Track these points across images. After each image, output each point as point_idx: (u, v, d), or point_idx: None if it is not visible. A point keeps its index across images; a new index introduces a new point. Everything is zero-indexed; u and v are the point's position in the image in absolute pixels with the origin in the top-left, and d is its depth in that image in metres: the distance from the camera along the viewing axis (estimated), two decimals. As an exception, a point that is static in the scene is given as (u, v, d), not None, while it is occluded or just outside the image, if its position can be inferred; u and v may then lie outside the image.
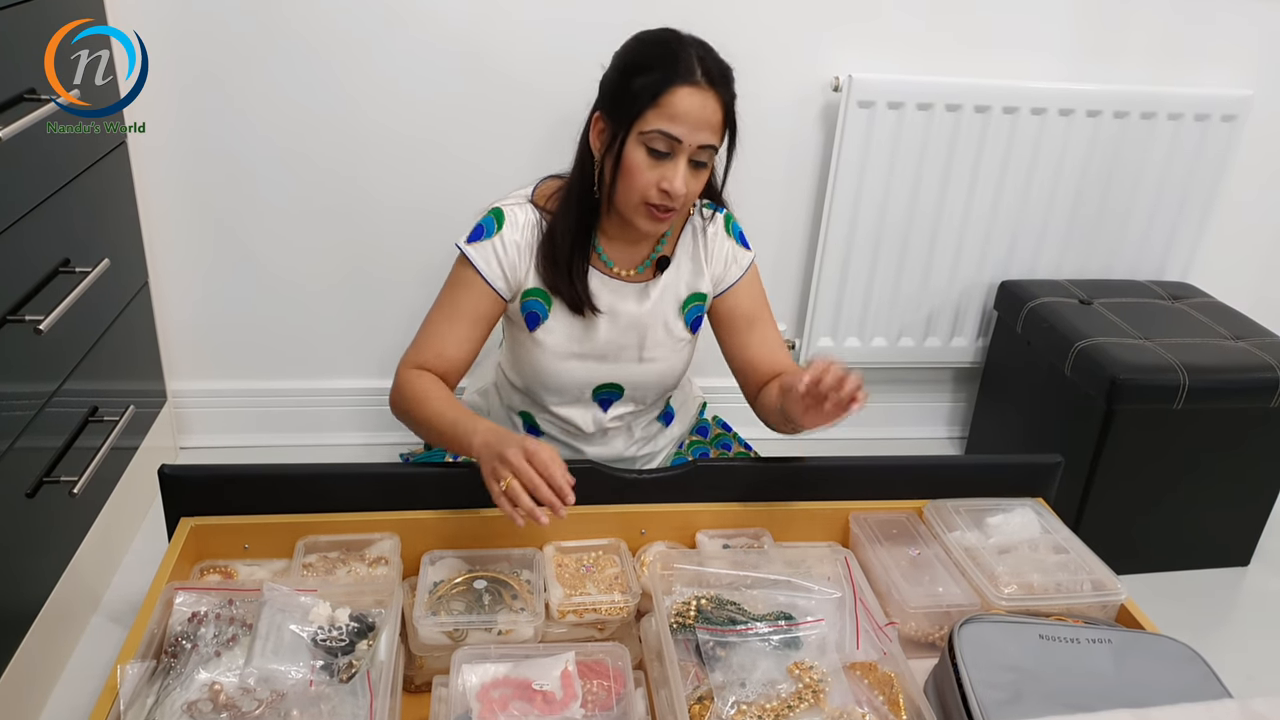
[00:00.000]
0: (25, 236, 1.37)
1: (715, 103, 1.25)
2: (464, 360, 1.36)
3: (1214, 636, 1.80)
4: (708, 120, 1.25)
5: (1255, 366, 1.82)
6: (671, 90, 1.23)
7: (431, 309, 1.38)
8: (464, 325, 1.36)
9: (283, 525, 1.26)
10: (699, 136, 1.25)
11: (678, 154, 1.25)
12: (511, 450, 1.12)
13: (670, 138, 1.24)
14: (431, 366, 1.34)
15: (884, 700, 1.07)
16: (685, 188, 1.26)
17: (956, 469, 1.53)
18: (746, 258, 1.46)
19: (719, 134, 1.28)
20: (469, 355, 1.37)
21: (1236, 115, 2.10)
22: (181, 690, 1.00)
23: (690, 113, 1.24)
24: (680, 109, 1.24)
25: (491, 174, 1.93)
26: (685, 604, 1.18)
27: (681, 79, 1.24)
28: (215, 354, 2.07)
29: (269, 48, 1.80)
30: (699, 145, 1.26)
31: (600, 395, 1.49)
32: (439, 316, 1.37)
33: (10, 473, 1.36)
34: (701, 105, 1.24)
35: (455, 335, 1.36)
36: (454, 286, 1.37)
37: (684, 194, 1.26)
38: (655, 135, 1.24)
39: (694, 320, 1.47)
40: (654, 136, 1.25)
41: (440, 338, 1.35)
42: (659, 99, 1.24)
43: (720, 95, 1.26)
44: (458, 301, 1.36)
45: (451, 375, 1.36)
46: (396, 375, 1.35)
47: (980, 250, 2.17)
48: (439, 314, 1.37)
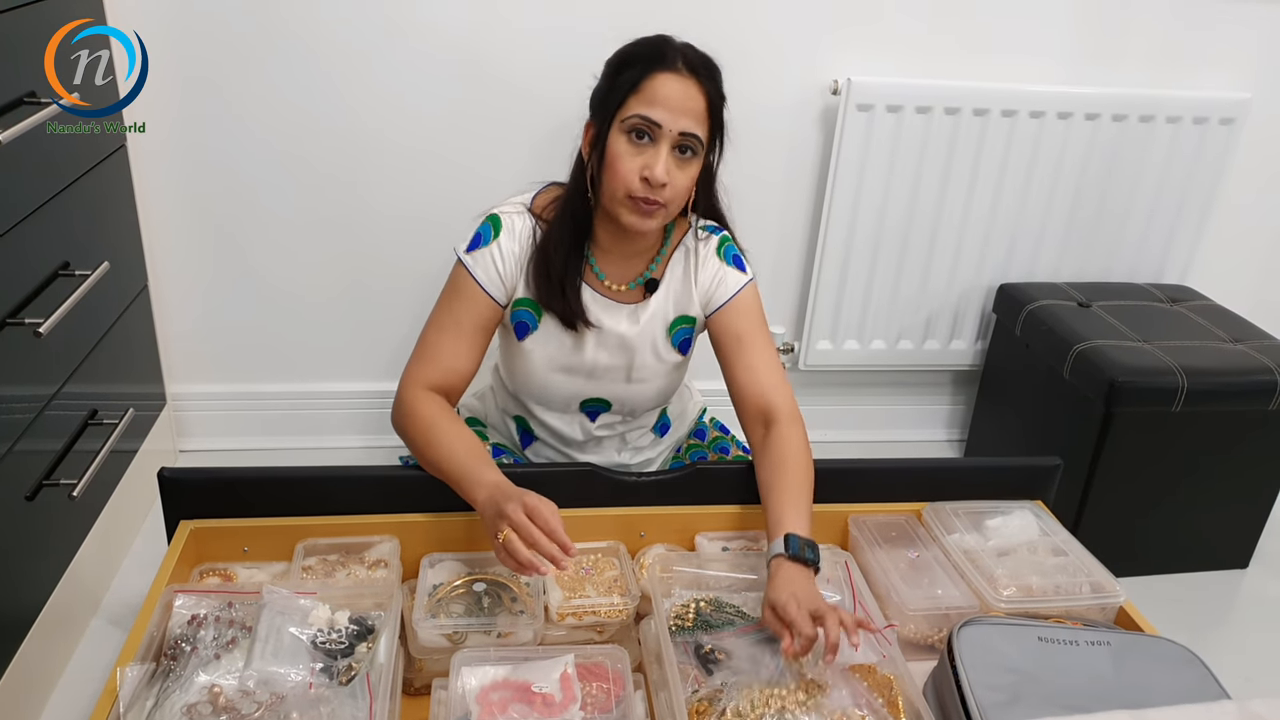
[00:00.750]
0: (25, 239, 1.38)
1: (697, 90, 1.25)
2: (470, 370, 1.35)
3: (1212, 639, 1.80)
4: (689, 107, 1.24)
5: (1254, 369, 1.82)
6: (652, 76, 1.23)
7: (431, 319, 1.36)
8: (467, 335, 1.34)
9: (282, 528, 1.26)
10: (680, 122, 1.24)
11: (659, 140, 1.24)
12: (511, 505, 1.11)
13: (650, 121, 1.23)
14: (438, 381, 1.32)
15: (883, 702, 1.07)
16: (667, 175, 1.24)
17: (955, 471, 1.54)
18: (737, 280, 1.41)
19: (703, 123, 1.26)
20: (474, 364, 1.36)
21: (1235, 118, 2.11)
22: (181, 693, 1.00)
23: (670, 97, 1.23)
24: (660, 94, 1.23)
25: (489, 179, 1.93)
26: (684, 606, 1.19)
27: (663, 66, 1.24)
28: (214, 357, 2.07)
29: (269, 48, 1.80)
30: (680, 131, 1.24)
31: (587, 408, 1.48)
32: (441, 328, 1.35)
33: (10, 475, 1.36)
34: (683, 91, 1.23)
35: (459, 347, 1.34)
36: (453, 297, 1.35)
37: (666, 182, 1.24)
38: (635, 120, 1.24)
39: (682, 343, 1.45)
40: (634, 121, 1.24)
41: (444, 351, 1.33)
42: (639, 85, 1.24)
43: (702, 84, 1.25)
44: (458, 312, 1.34)
45: (459, 388, 1.35)
46: (402, 394, 1.32)
47: (979, 253, 2.17)
48: (440, 325, 1.35)
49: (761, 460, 1.31)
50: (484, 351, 1.38)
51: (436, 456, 1.25)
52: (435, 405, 1.30)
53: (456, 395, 1.35)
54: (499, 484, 1.17)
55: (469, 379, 1.36)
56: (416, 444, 1.29)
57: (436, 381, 1.32)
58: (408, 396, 1.31)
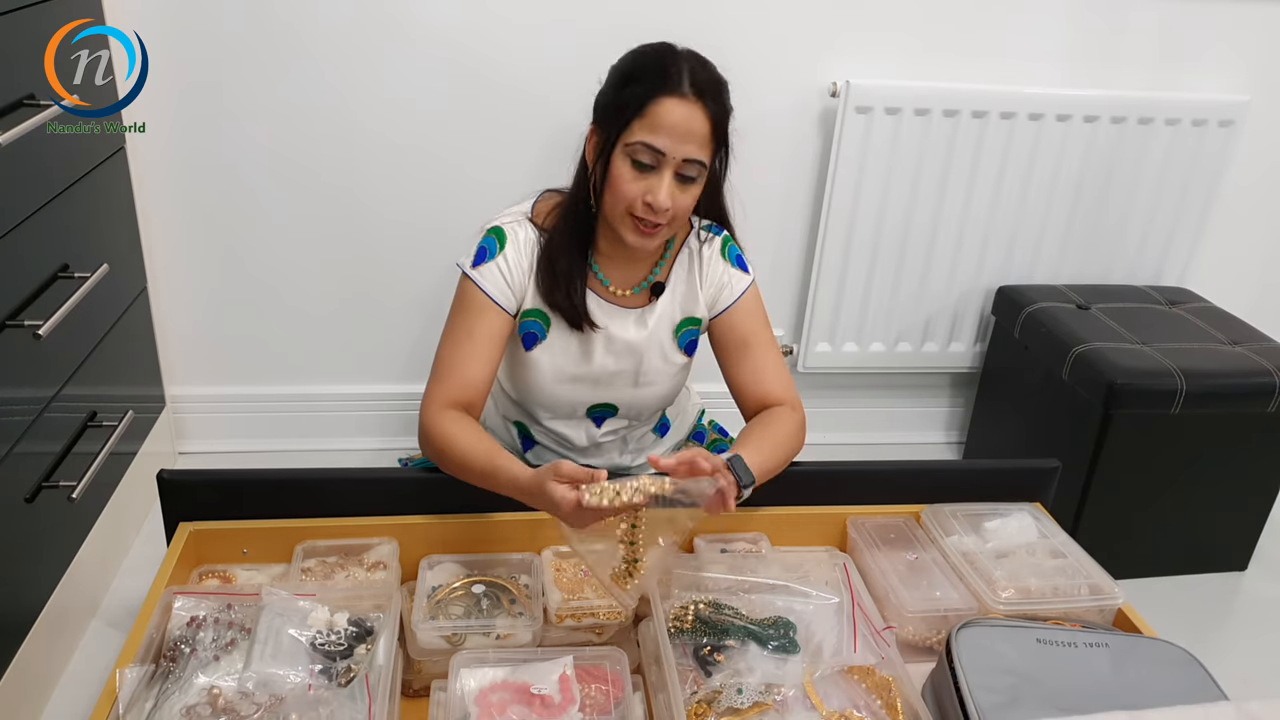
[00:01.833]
0: (25, 241, 1.38)
1: (702, 115, 1.23)
2: (488, 382, 1.34)
3: (1211, 641, 1.80)
4: (693, 133, 1.23)
5: (1252, 371, 1.83)
6: (657, 101, 1.22)
7: (444, 337, 1.35)
8: (483, 349, 1.33)
9: (281, 530, 1.26)
10: (683, 149, 1.23)
11: (662, 167, 1.24)
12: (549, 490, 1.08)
13: (654, 150, 1.22)
14: (457, 397, 1.30)
15: (882, 704, 1.07)
16: (670, 202, 1.24)
17: (954, 474, 1.54)
18: (742, 281, 1.42)
19: (706, 148, 1.25)
20: (492, 375, 1.35)
21: (1234, 120, 2.11)
22: (180, 694, 1.00)
23: (675, 125, 1.22)
24: (665, 121, 1.22)
25: (490, 180, 1.93)
26: (683, 608, 1.19)
27: (667, 90, 1.22)
28: (214, 359, 2.07)
29: (269, 48, 1.80)
30: (683, 159, 1.23)
31: (594, 413, 1.48)
32: (455, 344, 1.33)
33: (9, 478, 1.36)
34: (687, 117, 1.22)
35: (477, 361, 1.32)
36: (465, 312, 1.34)
37: (668, 208, 1.24)
38: (639, 147, 1.23)
39: (688, 344, 1.45)
40: (638, 148, 1.23)
41: (463, 367, 1.32)
42: (644, 109, 1.23)
43: (708, 108, 1.24)
44: (472, 327, 1.33)
45: (479, 401, 1.33)
46: (423, 420, 1.30)
47: (978, 255, 2.17)
48: (455, 341, 1.33)
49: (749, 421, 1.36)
50: (498, 364, 1.37)
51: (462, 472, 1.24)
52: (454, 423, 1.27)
53: (478, 408, 1.33)
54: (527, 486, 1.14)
55: (487, 390, 1.34)
56: (443, 464, 1.27)
57: (456, 397, 1.30)
58: (427, 422, 1.29)
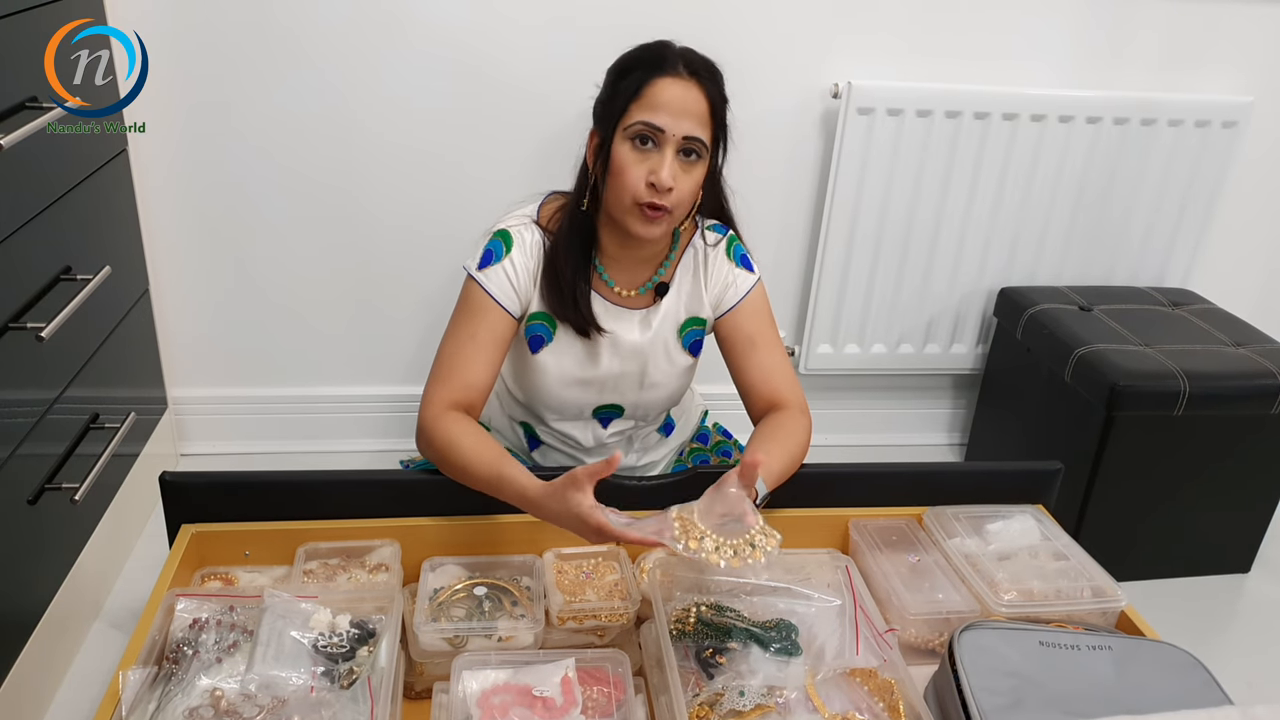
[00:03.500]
0: (26, 244, 1.38)
1: (699, 93, 1.25)
2: (490, 384, 1.35)
3: (1214, 643, 1.79)
4: (691, 110, 1.25)
5: (1256, 373, 1.82)
6: (653, 82, 1.24)
7: (447, 337, 1.35)
8: (485, 351, 1.33)
9: (283, 532, 1.26)
10: (683, 126, 1.24)
11: (663, 144, 1.25)
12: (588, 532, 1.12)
13: (653, 127, 1.24)
14: (458, 399, 1.30)
15: (884, 707, 1.07)
16: (673, 180, 1.25)
17: (956, 476, 1.53)
18: (747, 281, 1.43)
19: (706, 126, 1.27)
20: (493, 378, 1.35)
21: (1237, 121, 2.11)
22: (183, 696, 1.00)
23: (672, 102, 1.24)
24: (662, 98, 1.24)
25: (491, 180, 1.94)
26: (685, 610, 1.19)
27: (663, 71, 1.25)
28: (216, 361, 2.07)
29: (269, 48, 1.80)
30: (684, 135, 1.25)
31: (600, 414, 1.49)
32: (458, 345, 1.33)
33: (12, 480, 1.36)
34: (684, 95, 1.24)
35: (479, 363, 1.32)
36: (469, 314, 1.34)
37: (672, 187, 1.25)
38: (638, 126, 1.24)
39: (693, 344, 1.46)
40: (637, 127, 1.25)
41: (466, 369, 1.32)
42: (641, 91, 1.25)
43: (704, 87, 1.26)
44: (475, 329, 1.33)
45: (480, 403, 1.34)
46: (421, 420, 1.30)
47: (980, 257, 2.17)
48: (457, 342, 1.33)
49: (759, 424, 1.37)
50: (500, 366, 1.37)
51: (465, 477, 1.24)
52: (456, 425, 1.27)
53: (478, 411, 1.33)
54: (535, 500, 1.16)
55: (488, 393, 1.35)
56: (444, 467, 1.27)
57: (457, 399, 1.30)
58: (428, 423, 1.29)
